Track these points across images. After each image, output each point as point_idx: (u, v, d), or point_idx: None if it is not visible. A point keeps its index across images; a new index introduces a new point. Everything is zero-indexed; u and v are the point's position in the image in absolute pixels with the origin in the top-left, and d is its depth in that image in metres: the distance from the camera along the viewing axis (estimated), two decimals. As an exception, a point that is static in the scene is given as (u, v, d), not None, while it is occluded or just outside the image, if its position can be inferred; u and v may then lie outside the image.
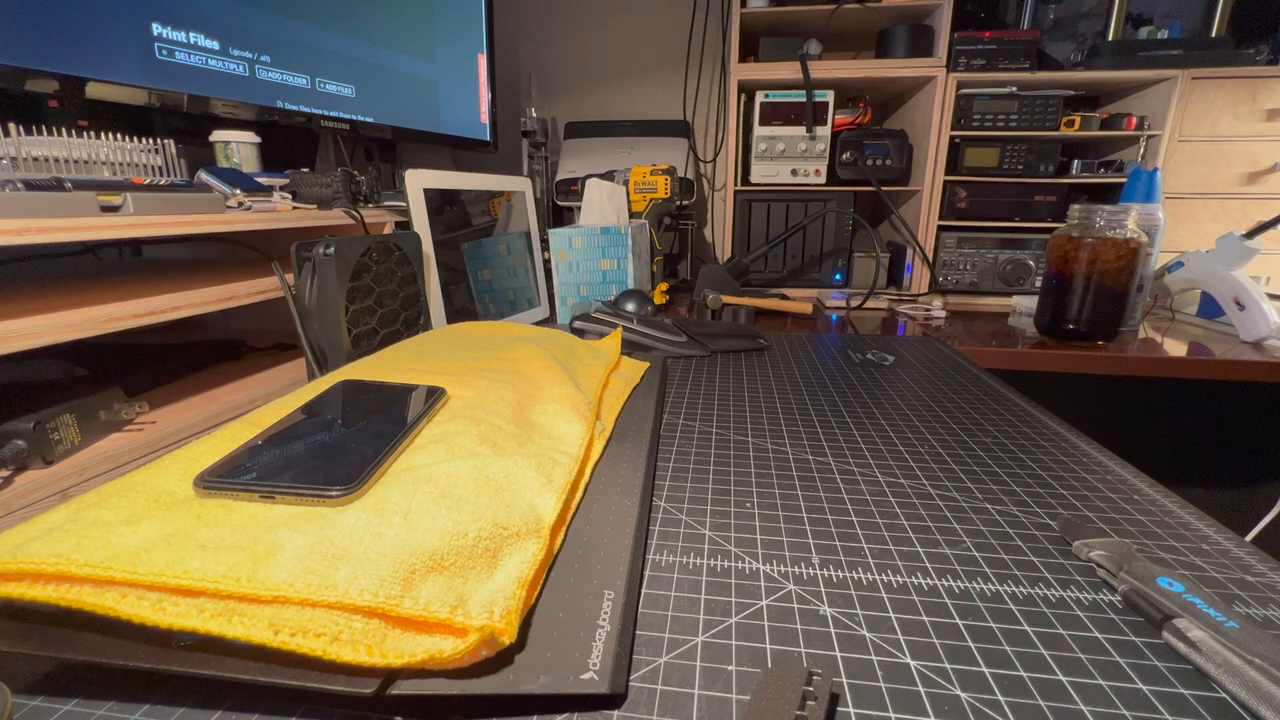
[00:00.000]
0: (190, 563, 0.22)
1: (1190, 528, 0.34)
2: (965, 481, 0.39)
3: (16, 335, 0.39)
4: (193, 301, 0.52)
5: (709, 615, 0.27)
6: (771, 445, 0.45)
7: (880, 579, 0.29)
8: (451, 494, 0.29)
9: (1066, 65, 1.25)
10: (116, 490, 0.27)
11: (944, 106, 1.20)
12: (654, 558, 0.31)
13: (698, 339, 0.71)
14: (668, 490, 0.38)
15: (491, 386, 0.43)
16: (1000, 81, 1.19)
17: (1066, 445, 0.45)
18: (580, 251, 0.89)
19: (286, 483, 0.28)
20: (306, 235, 0.60)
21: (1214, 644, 0.23)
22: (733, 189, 1.29)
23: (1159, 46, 1.20)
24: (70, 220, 0.43)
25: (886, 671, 0.24)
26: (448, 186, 0.79)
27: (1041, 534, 0.33)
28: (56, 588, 0.21)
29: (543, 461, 0.34)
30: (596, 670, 0.22)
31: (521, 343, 0.57)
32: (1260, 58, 1.17)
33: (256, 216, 0.60)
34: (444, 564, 0.24)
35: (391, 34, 1.03)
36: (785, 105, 1.23)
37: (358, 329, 0.59)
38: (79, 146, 0.51)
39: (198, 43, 0.72)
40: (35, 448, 0.41)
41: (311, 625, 0.21)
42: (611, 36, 1.59)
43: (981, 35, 1.18)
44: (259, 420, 0.36)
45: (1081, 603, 0.28)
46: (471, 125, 1.27)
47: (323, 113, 0.91)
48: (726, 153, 1.32)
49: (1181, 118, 1.16)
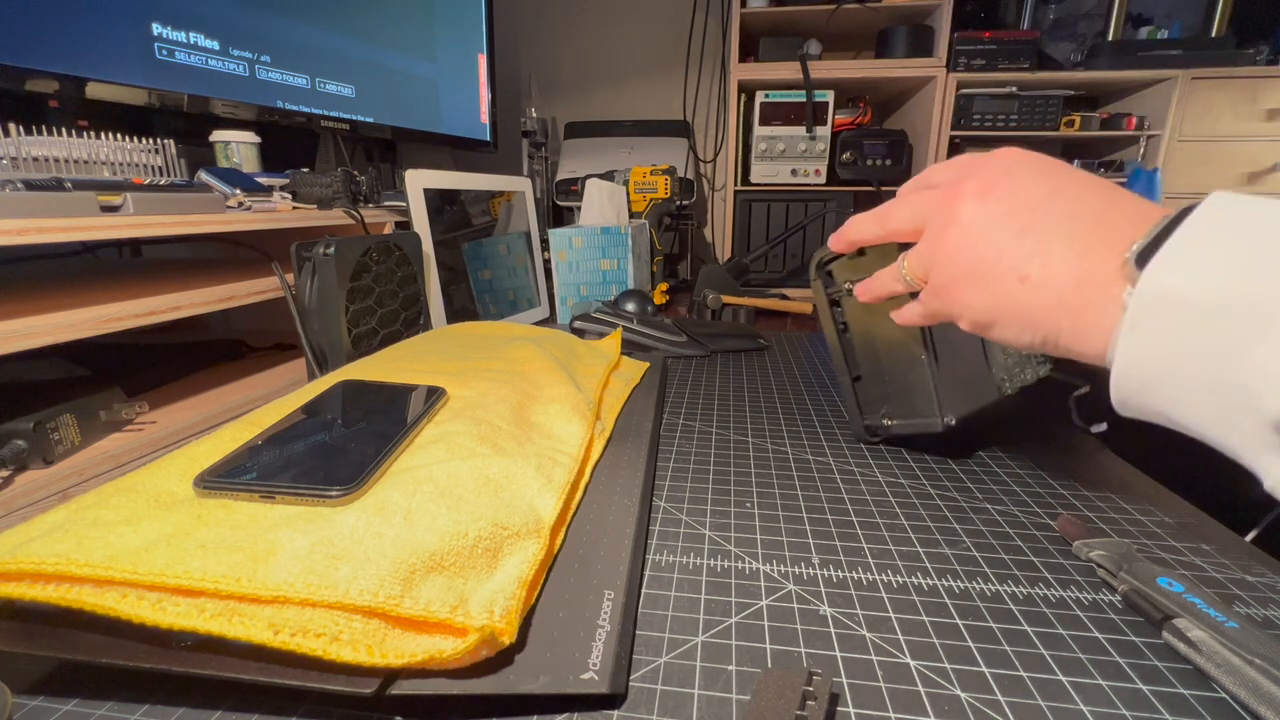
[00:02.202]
0: (190, 563, 0.22)
1: (1190, 528, 0.34)
2: (965, 481, 0.39)
3: (16, 335, 0.39)
4: (193, 301, 0.52)
5: (709, 615, 0.27)
6: (771, 445, 0.45)
7: (880, 579, 0.29)
8: (451, 494, 0.29)
9: (1066, 65, 1.25)
10: (116, 490, 0.27)
11: (944, 106, 1.20)
12: (654, 558, 0.31)
13: (698, 339, 0.71)
14: (668, 490, 0.38)
15: (492, 386, 0.43)
16: (1000, 81, 1.19)
17: (1066, 445, 0.45)
18: (580, 251, 0.89)
19: (286, 483, 0.28)
20: (306, 235, 0.60)
21: (1214, 644, 0.23)
22: (733, 189, 1.29)
23: (1159, 46, 1.20)
24: (70, 220, 0.43)
25: (886, 671, 0.24)
26: (448, 186, 0.79)
27: (1041, 534, 0.33)
28: (56, 588, 0.21)
29: (543, 461, 0.34)
30: (596, 670, 0.22)
31: (521, 343, 0.57)
32: (1260, 58, 1.17)
33: (256, 216, 0.60)
34: (444, 564, 0.24)
35: (391, 34, 1.03)
36: (785, 105, 1.23)
37: (358, 329, 0.59)
38: (79, 146, 0.51)
39: (198, 43, 0.72)
40: (35, 448, 0.41)
41: (311, 625, 0.21)
42: (611, 36, 1.59)
43: (981, 35, 1.18)
44: (259, 420, 0.36)
45: (1081, 603, 0.28)
46: (471, 125, 1.27)
47: (323, 113, 0.91)
48: (726, 153, 1.32)
49: (1181, 118, 1.16)
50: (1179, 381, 0.21)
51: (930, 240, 0.30)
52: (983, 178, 0.28)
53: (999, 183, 0.28)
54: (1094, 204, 0.26)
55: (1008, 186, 0.27)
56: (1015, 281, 0.26)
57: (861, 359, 0.45)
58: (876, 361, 0.44)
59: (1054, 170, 0.28)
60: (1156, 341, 0.21)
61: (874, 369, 0.44)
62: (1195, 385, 0.21)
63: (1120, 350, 0.22)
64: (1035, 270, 0.25)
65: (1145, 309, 0.21)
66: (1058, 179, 0.27)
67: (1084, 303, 0.24)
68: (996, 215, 0.27)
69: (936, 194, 0.30)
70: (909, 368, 0.42)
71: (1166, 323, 0.21)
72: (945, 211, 0.29)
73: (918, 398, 0.42)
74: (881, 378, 0.44)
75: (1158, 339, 0.21)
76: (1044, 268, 0.25)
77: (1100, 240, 0.24)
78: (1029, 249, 0.26)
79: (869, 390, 0.45)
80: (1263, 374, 0.19)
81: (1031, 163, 0.28)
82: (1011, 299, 0.26)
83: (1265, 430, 0.19)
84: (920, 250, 0.31)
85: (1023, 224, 0.26)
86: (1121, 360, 0.22)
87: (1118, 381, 0.23)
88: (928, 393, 0.41)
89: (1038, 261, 0.25)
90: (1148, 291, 0.21)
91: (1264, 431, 0.19)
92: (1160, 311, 0.21)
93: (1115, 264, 0.23)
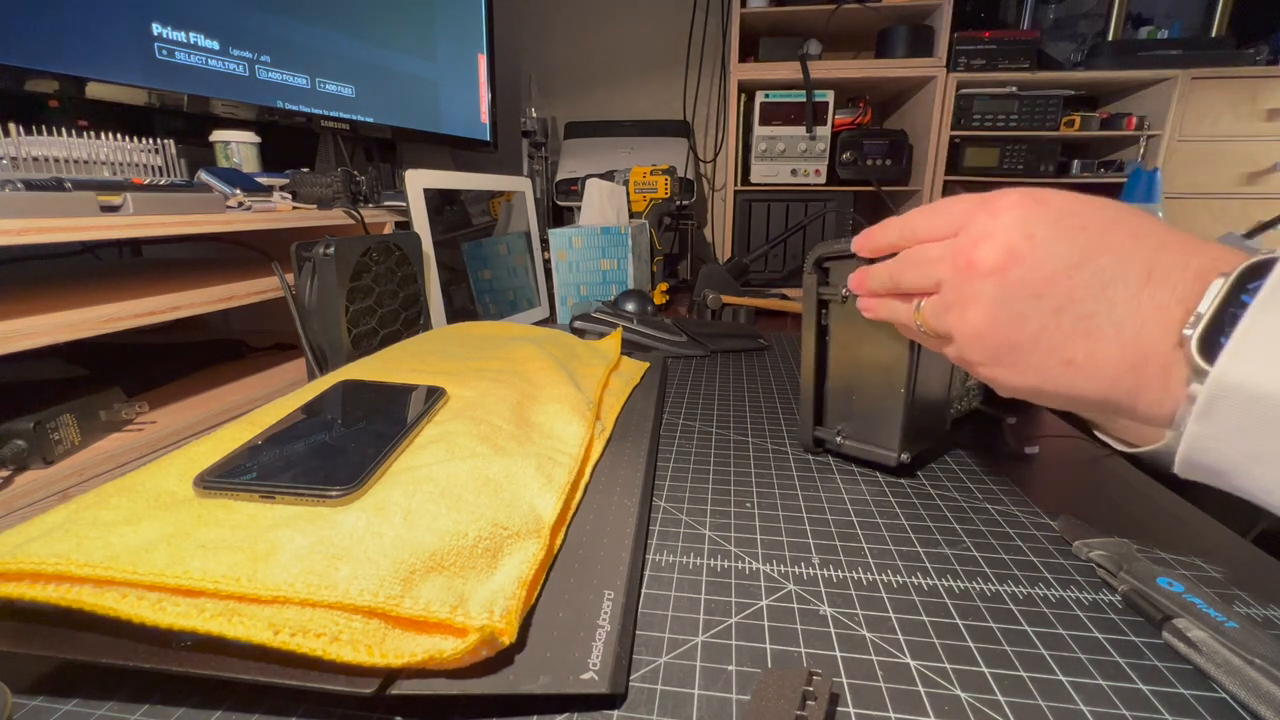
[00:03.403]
0: (190, 563, 0.22)
1: (1190, 528, 0.34)
2: (965, 481, 0.39)
3: (16, 335, 0.39)
4: (193, 301, 0.52)
5: (709, 615, 0.27)
6: (771, 445, 0.45)
7: (880, 579, 0.29)
8: (451, 494, 0.29)
9: (1066, 65, 1.25)
10: (116, 490, 0.27)
11: (944, 106, 1.20)
12: (654, 558, 0.31)
13: (698, 339, 0.71)
14: (668, 490, 0.38)
15: (491, 386, 0.43)
16: (1000, 81, 1.19)
17: (1067, 445, 0.45)
18: (580, 251, 0.89)
19: (286, 483, 0.28)
20: (306, 235, 0.60)
21: (1214, 644, 0.23)
22: (733, 189, 1.29)
23: (1159, 46, 1.20)
24: (70, 220, 0.43)
25: (886, 671, 0.24)
26: (448, 186, 0.79)
27: (1041, 534, 0.33)
28: (56, 588, 0.21)
29: (543, 461, 0.34)
30: (596, 670, 0.22)
31: (521, 343, 0.57)
32: (1260, 58, 1.17)
33: (256, 216, 0.60)
34: (444, 564, 0.24)
35: (391, 34, 1.03)
36: (785, 105, 1.23)
37: (358, 329, 0.59)
38: (79, 146, 0.51)
39: (198, 43, 0.72)
40: (35, 448, 0.41)
41: (311, 625, 0.21)
42: (611, 36, 1.59)
43: (981, 35, 1.18)
44: (259, 420, 0.36)
45: (1081, 603, 0.28)
46: (471, 125, 1.27)
47: (323, 113, 0.91)
48: (726, 153, 1.32)
49: (1181, 118, 1.16)
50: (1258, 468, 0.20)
51: (950, 312, 0.27)
52: (999, 244, 0.24)
53: (1019, 251, 0.24)
54: (1135, 262, 0.22)
55: (1031, 256, 0.24)
56: (1060, 366, 0.23)
57: (834, 369, 0.42)
58: (849, 377, 0.41)
59: (1077, 221, 0.24)
60: (1230, 431, 0.20)
61: (844, 384, 0.41)
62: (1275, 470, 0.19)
63: (1189, 435, 0.21)
64: (1081, 355, 0.23)
65: (1217, 399, 0.20)
66: (1087, 235, 0.23)
67: (1141, 384, 0.22)
68: (1024, 294, 0.24)
69: (946, 259, 0.27)
70: (883, 396, 0.39)
71: (1243, 417, 0.19)
72: (961, 286, 0.26)
73: (881, 428, 0.40)
74: (849, 395, 0.41)
75: (1231, 429, 0.20)
76: (1091, 352, 0.22)
77: (1154, 309, 0.22)
78: (1069, 330, 0.23)
79: (832, 402, 0.42)
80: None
81: (1049, 218, 0.24)
82: (1058, 382, 0.24)
83: None
84: (938, 311, 0.28)
85: (1058, 301, 0.23)
86: (1190, 445, 0.21)
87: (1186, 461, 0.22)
88: (893, 426, 0.39)
89: (1083, 345, 0.23)
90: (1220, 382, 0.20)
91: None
92: (1234, 402, 0.20)
93: (1172, 342, 0.21)
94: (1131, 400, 0.22)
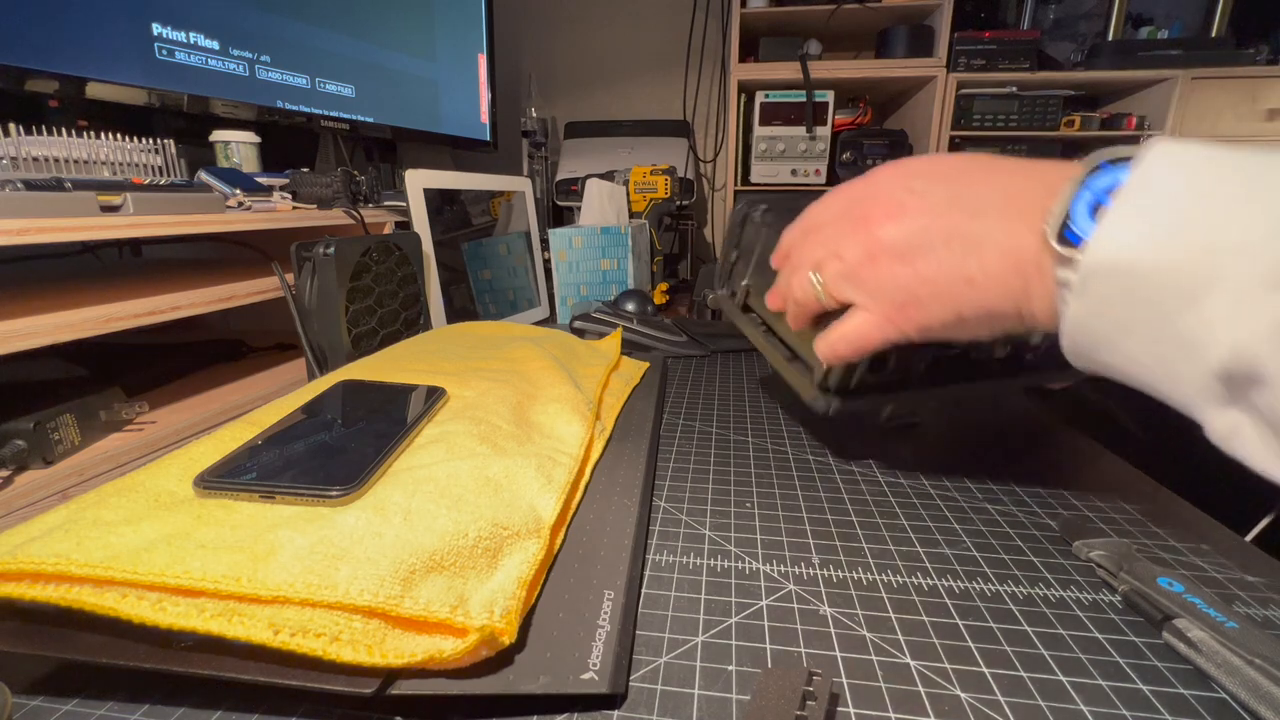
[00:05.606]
0: (190, 563, 0.22)
1: (1190, 528, 0.34)
2: (965, 481, 0.39)
3: (16, 335, 0.39)
4: (193, 301, 0.52)
5: (709, 615, 0.27)
6: (771, 445, 0.45)
7: (880, 579, 0.29)
8: (451, 494, 0.29)
9: (1066, 65, 1.25)
10: (116, 490, 0.27)
11: (944, 106, 1.20)
12: (654, 558, 0.31)
13: (698, 339, 0.71)
14: (668, 490, 0.38)
15: (491, 386, 0.43)
16: (1000, 81, 1.19)
17: (1066, 444, 0.45)
18: (580, 251, 0.89)
19: (286, 483, 0.28)
20: (306, 235, 0.60)
21: (1214, 644, 0.23)
22: (733, 189, 1.29)
23: (1159, 46, 1.20)
24: (70, 220, 0.43)
25: (886, 671, 0.24)
26: (448, 186, 0.79)
27: (1041, 534, 0.33)
28: (56, 588, 0.21)
29: (543, 461, 0.34)
30: (596, 670, 0.22)
31: (521, 343, 0.57)
32: (1260, 58, 1.17)
33: (256, 216, 0.60)
34: (444, 564, 0.24)
35: (391, 34, 1.03)
36: (785, 105, 1.23)
37: (358, 329, 0.59)
38: (79, 146, 0.51)
39: (198, 43, 0.72)
40: (35, 448, 0.41)
41: (311, 625, 0.21)
42: (611, 36, 1.59)
43: (981, 35, 1.18)
44: (259, 420, 0.36)
45: (1081, 603, 0.28)
46: (471, 125, 1.27)
47: (323, 113, 0.91)
48: (726, 153, 1.32)
49: (1181, 118, 1.16)
50: (1125, 340, 0.22)
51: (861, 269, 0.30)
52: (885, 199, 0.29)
53: (905, 199, 0.29)
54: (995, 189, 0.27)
55: (915, 204, 0.28)
56: (964, 285, 0.27)
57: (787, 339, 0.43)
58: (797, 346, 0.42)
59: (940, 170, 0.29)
60: (1100, 306, 0.22)
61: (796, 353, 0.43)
62: (1140, 342, 0.22)
63: (1066, 318, 0.23)
64: (976, 270, 0.26)
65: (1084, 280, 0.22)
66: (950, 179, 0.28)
67: (1028, 285, 0.25)
68: (919, 229, 0.28)
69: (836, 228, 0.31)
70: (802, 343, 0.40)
71: (1107, 289, 0.22)
72: (862, 242, 0.30)
73: None
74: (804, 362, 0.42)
75: (1100, 304, 0.22)
76: (983, 266, 0.26)
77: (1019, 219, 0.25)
78: (961, 253, 0.27)
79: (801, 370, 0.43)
80: (1204, 330, 0.20)
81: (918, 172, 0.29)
82: (968, 302, 0.27)
83: (1208, 381, 0.20)
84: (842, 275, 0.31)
85: (946, 230, 0.27)
86: (1068, 327, 0.24)
87: (1068, 344, 0.24)
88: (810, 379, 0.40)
89: (975, 262, 0.26)
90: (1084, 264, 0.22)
91: (1207, 383, 0.20)
92: (1099, 279, 0.22)
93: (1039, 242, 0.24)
94: (1028, 301, 0.25)
